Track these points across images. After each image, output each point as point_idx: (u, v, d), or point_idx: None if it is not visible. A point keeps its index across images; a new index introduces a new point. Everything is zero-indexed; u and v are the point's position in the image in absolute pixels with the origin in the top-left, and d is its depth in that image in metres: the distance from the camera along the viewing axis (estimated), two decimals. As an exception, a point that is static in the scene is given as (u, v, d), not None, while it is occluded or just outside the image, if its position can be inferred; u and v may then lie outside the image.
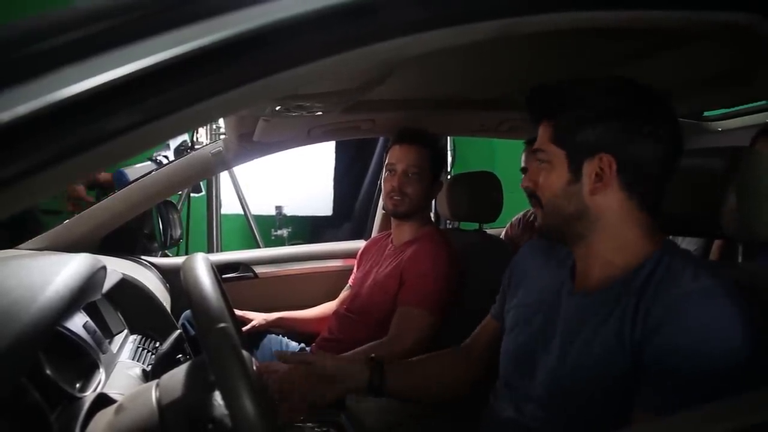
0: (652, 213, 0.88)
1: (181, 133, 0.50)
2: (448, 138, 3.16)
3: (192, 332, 1.60)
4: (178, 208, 2.65)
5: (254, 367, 0.73)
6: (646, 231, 0.87)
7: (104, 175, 2.97)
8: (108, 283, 1.30)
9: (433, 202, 2.21)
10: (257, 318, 1.82)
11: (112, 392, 0.99)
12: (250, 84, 0.49)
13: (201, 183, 3.28)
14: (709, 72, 1.39)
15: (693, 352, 0.73)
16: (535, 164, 0.93)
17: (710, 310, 0.75)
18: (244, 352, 0.68)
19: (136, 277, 1.62)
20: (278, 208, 4.01)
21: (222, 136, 2.33)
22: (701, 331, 0.74)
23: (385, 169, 1.72)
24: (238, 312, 1.64)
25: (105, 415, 0.82)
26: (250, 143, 1.87)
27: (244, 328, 1.71)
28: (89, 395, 0.92)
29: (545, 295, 0.98)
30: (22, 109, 0.41)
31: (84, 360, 1.08)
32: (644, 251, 0.86)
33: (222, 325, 0.69)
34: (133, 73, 0.43)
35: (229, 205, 3.56)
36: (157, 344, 1.44)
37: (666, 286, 0.79)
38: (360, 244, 2.04)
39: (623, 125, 0.84)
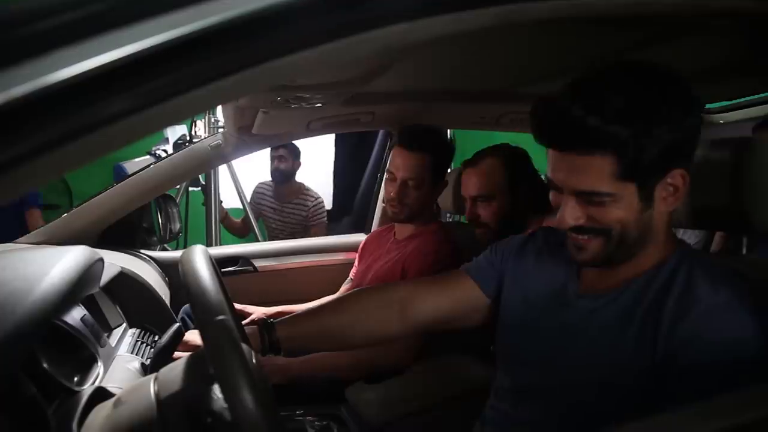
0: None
1: (180, 119, 0.49)
2: (448, 131, 3.15)
3: (191, 326, 1.60)
4: (177, 201, 2.64)
5: (254, 361, 0.72)
6: (669, 233, 0.85)
7: None
8: (106, 276, 1.29)
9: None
10: (257, 312, 1.81)
11: (111, 386, 0.99)
12: (246, 71, 0.48)
13: (200, 177, 3.26)
14: (716, 61, 1.37)
15: (716, 366, 0.73)
16: (580, 201, 0.81)
17: (732, 324, 0.74)
18: (244, 346, 0.67)
19: (134, 271, 1.61)
20: (278, 203, 3.99)
21: (221, 129, 2.32)
22: (724, 344, 0.73)
23: (387, 171, 1.69)
24: (237, 306, 1.63)
25: (103, 409, 0.81)
26: (249, 136, 1.86)
27: (243, 322, 1.71)
28: (87, 389, 0.91)
29: (550, 294, 0.96)
30: (15, 92, 0.40)
31: (82, 353, 1.07)
32: (662, 254, 0.84)
33: (221, 317, 0.68)
34: (126, 57, 0.42)
35: (228, 199, 3.55)
36: (156, 338, 1.44)
37: (687, 301, 0.77)
38: (361, 238, 2.04)
39: (674, 127, 0.75)
